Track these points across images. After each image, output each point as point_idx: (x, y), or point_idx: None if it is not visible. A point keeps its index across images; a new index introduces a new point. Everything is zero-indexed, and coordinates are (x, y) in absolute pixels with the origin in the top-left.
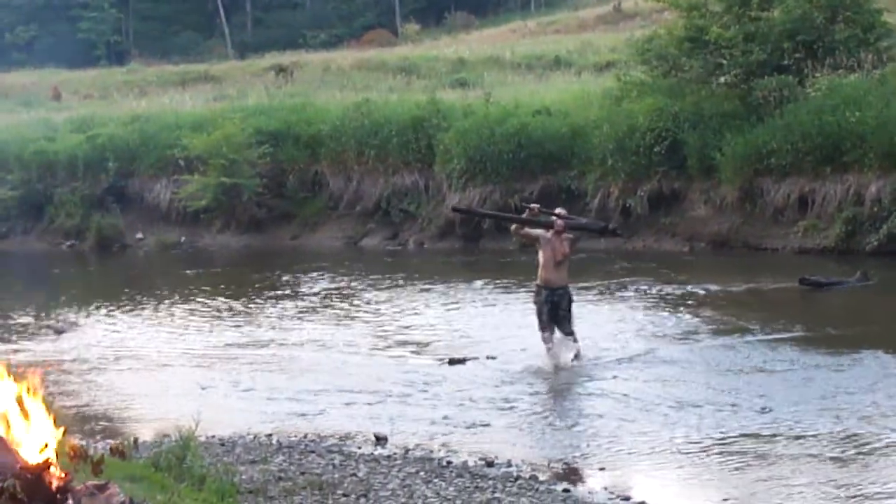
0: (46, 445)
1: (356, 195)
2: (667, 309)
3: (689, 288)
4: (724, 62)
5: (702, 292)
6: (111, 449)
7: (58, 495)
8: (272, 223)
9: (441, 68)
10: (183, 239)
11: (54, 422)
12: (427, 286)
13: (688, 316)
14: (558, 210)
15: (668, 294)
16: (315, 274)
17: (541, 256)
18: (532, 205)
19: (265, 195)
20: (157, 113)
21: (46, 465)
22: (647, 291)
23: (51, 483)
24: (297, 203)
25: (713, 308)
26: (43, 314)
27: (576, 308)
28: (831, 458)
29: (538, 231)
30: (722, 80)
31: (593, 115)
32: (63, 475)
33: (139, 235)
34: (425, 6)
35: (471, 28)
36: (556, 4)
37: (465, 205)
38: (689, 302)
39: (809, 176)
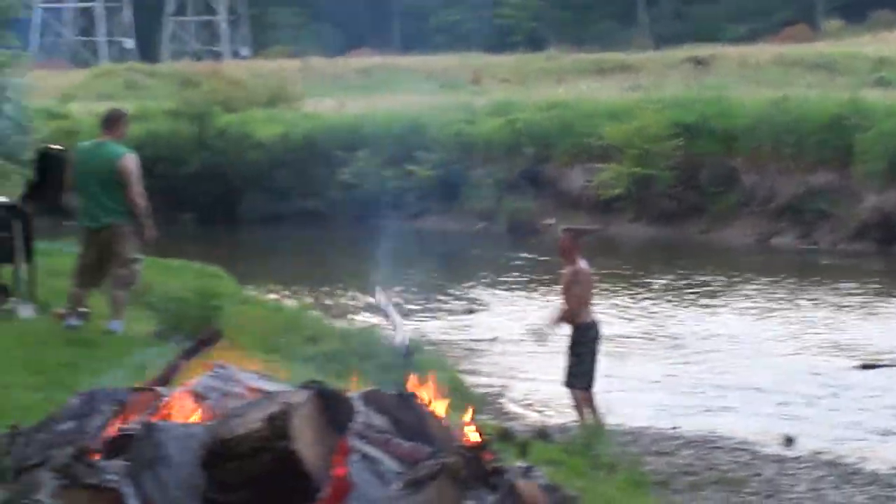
0: (477, 425)
1: (770, 192)
2: None
3: None
4: None
5: None
6: (538, 432)
7: (492, 476)
8: (682, 216)
9: (861, 66)
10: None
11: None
12: (840, 288)
13: None
14: None
15: None
16: (724, 269)
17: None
18: None
19: (677, 187)
20: (575, 100)
21: (486, 444)
22: None
23: (486, 463)
24: (709, 197)
25: None
26: (454, 293)
27: None
28: None
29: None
30: None
31: None
32: (493, 456)
33: (550, 221)
34: (848, 3)
35: (894, 27)
36: None
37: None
38: None
39: None
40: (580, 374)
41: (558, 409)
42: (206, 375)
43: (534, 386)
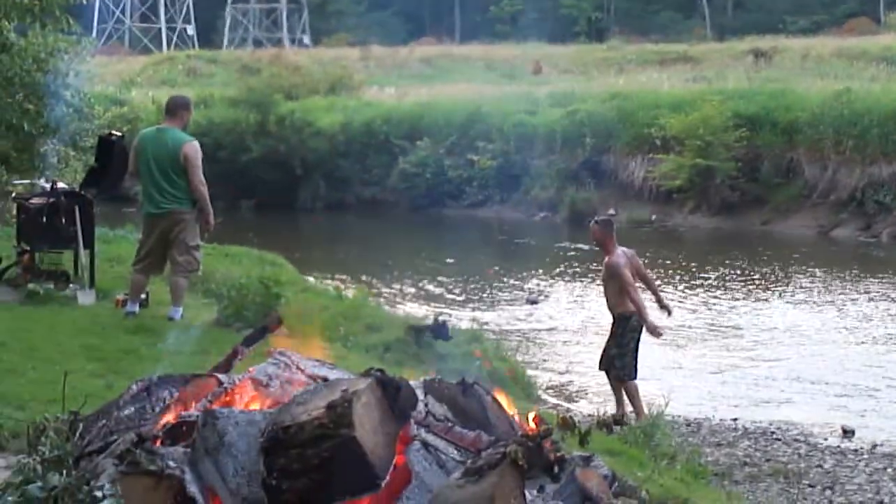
0: (538, 414)
1: (831, 184)
2: None
3: None
4: None
5: None
6: (598, 422)
7: (553, 465)
8: (743, 207)
9: None
10: (653, 217)
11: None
12: None
13: None
14: None
15: None
16: (784, 261)
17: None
18: None
19: (738, 178)
20: (636, 91)
21: (547, 433)
22: None
23: (547, 452)
24: (770, 188)
25: None
26: (516, 283)
27: None
28: None
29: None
30: None
31: None
32: (554, 445)
33: (611, 211)
34: None
35: None
36: None
37: None
38: None
39: None
40: (624, 365)
41: (612, 399)
42: (267, 363)
43: (592, 377)
